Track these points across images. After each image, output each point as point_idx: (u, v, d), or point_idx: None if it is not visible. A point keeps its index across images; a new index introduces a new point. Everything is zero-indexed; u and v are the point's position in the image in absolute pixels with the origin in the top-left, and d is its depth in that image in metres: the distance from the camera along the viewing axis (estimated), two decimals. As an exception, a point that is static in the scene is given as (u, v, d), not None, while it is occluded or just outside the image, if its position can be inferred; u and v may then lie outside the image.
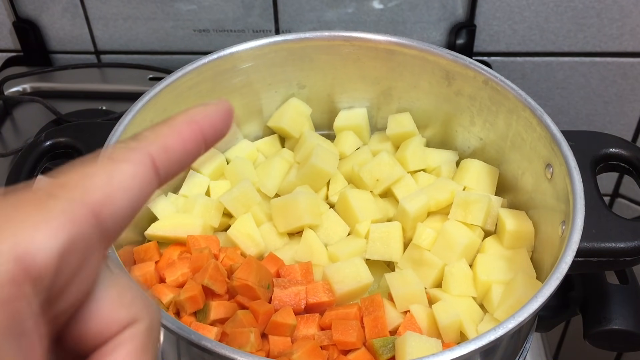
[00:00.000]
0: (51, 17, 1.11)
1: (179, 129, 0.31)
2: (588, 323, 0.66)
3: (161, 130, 0.31)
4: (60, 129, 0.69)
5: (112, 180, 0.28)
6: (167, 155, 0.30)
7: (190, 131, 0.32)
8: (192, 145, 0.32)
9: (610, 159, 0.67)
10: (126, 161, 0.29)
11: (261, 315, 0.59)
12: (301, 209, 0.68)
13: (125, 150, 0.29)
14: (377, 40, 0.74)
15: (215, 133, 0.34)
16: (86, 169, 0.28)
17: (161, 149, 0.30)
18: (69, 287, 0.26)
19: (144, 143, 0.30)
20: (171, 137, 0.31)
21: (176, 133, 0.31)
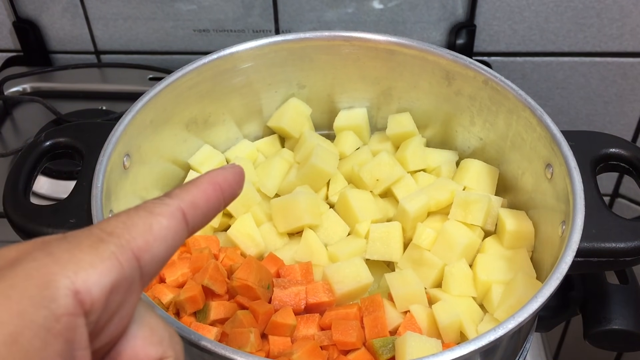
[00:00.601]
0: (51, 17, 1.11)
1: (204, 187, 0.37)
2: (588, 323, 0.66)
3: (190, 189, 0.36)
4: (60, 129, 0.69)
5: (151, 230, 0.33)
6: (195, 210, 0.36)
7: (213, 190, 0.38)
8: (214, 202, 0.38)
9: (610, 159, 0.67)
10: (162, 215, 0.34)
11: (261, 316, 0.59)
12: (301, 209, 0.68)
13: (161, 205, 0.34)
14: (377, 40, 0.74)
15: (232, 192, 0.40)
16: (130, 219, 0.32)
17: (190, 204, 0.36)
18: (111, 322, 0.30)
19: (177, 200, 0.35)
20: (198, 195, 0.36)
21: (202, 192, 0.37)
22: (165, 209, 0.34)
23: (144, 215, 0.33)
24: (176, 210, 0.35)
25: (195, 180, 0.38)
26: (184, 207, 0.35)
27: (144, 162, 0.68)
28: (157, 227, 0.33)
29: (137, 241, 0.32)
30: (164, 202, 0.35)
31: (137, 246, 0.32)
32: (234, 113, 0.77)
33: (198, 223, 0.36)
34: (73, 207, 0.62)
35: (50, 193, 0.97)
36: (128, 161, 0.65)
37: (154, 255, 0.33)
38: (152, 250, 0.32)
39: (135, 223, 0.32)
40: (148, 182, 0.70)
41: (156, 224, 0.33)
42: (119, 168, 0.64)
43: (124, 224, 0.32)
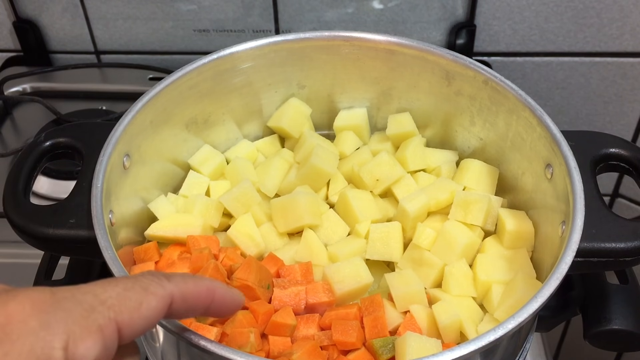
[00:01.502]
0: (51, 17, 1.11)
1: (200, 290, 0.40)
2: (588, 323, 0.66)
3: (188, 282, 0.39)
4: (60, 129, 0.69)
5: (139, 309, 0.36)
6: (182, 303, 0.39)
7: (206, 297, 0.40)
8: (200, 305, 0.40)
9: (610, 159, 0.67)
10: (155, 295, 0.37)
11: (261, 316, 0.59)
12: (301, 209, 0.68)
13: (158, 286, 0.37)
14: (377, 40, 0.74)
15: (219, 309, 0.42)
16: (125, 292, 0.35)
17: (181, 295, 0.38)
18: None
19: (172, 285, 0.38)
20: (192, 292, 0.39)
21: (196, 292, 0.40)
22: (160, 291, 0.37)
23: (139, 291, 0.36)
24: (167, 296, 0.38)
25: (198, 278, 0.41)
26: (175, 295, 0.38)
27: (144, 162, 0.68)
28: (145, 307, 0.36)
29: (124, 316, 0.35)
30: (162, 283, 0.38)
31: (122, 320, 0.35)
32: (234, 113, 0.77)
33: (177, 314, 0.39)
34: (73, 207, 0.62)
35: (50, 193, 0.97)
36: (128, 161, 0.65)
37: (133, 331, 0.36)
38: (134, 326, 0.36)
39: (128, 297, 0.36)
40: (148, 182, 0.70)
41: (145, 304, 0.36)
42: (119, 168, 0.64)
43: (118, 296, 0.35)
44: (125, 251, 0.63)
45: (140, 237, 0.68)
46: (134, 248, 0.65)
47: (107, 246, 0.55)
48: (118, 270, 0.54)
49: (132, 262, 0.65)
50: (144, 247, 0.65)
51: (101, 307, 0.34)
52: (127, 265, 0.59)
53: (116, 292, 0.35)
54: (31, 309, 0.33)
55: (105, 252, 0.55)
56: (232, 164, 0.75)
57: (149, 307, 0.36)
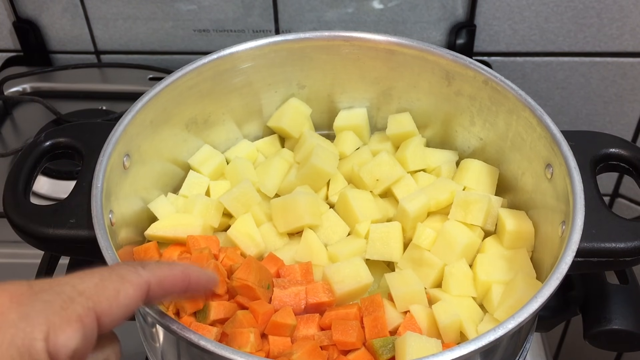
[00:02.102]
0: (51, 17, 1.11)
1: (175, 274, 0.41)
2: (588, 323, 0.66)
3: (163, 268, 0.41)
4: (60, 129, 0.69)
5: (117, 297, 0.37)
6: (159, 288, 0.40)
7: (182, 280, 0.42)
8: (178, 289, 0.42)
9: (610, 159, 0.67)
10: (131, 283, 0.38)
11: (261, 316, 0.59)
12: (301, 209, 0.68)
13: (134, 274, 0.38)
14: (377, 40, 0.74)
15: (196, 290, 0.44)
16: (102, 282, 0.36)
17: (158, 281, 0.40)
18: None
19: (148, 272, 0.39)
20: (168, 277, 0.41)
21: (172, 276, 0.41)
22: (136, 278, 0.38)
23: (116, 280, 0.37)
24: (144, 283, 0.39)
25: (172, 264, 0.43)
26: (151, 281, 0.39)
27: (144, 162, 0.68)
28: (122, 295, 0.37)
29: (102, 305, 0.36)
30: (138, 271, 0.39)
31: (101, 309, 0.36)
32: (234, 113, 0.77)
33: (155, 299, 0.41)
34: (73, 207, 0.62)
35: (50, 193, 0.97)
36: (128, 161, 0.65)
37: (112, 319, 0.37)
38: (112, 314, 0.37)
39: (105, 287, 0.37)
40: (148, 182, 0.70)
41: (123, 292, 0.37)
42: (119, 168, 0.64)
43: (95, 286, 0.36)
44: (125, 251, 0.63)
45: (140, 237, 0.68)
46: (134, 248, 0.65)
47: (107, 246, 0.55)
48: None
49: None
50: (144, 247, 0.65)
51: (80, 298, 0.35)
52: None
53: (94, 283, 0.36)
54: (9, 301, 0.34)
55: (105, 252, 0.55)
56: (232, 164, 0.75)
57: (126, 295, 0.37)
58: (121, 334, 0.72)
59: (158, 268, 0.40)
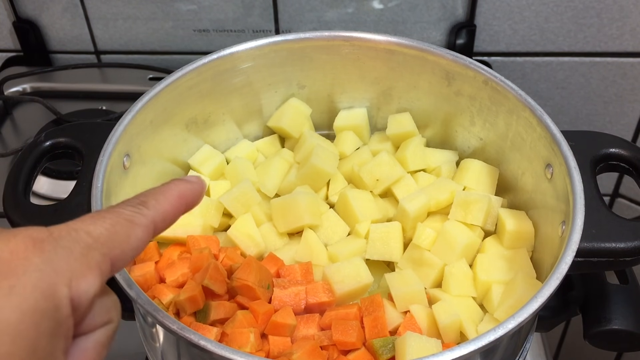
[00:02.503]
0: (51, 17, 1.11)
1: (173, 200, 0.42)
2: (588, 323, 0.66)
3: (162, 201, 0.41)
4: (60, 129, 0.69)
5: (129, 241, 0.37)
6: (164, 222, 0.41)
7: (179, 204, 0.42)
8: (179, 213, 0.42)
9: (610, 159, 0.67)
10: (140, 226, 0.38)
11: (261, 316, 0.59)
12: (301, 209, 0.68)
13: (140, 216, 0.39)
14: (377, 40, 0.74)
15: (193, 204, 0.44)
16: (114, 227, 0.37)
17: (162, 217, 0.40)
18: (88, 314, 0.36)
19: (152, 211, 0.40)
20: (169, 208, 0.41)
21: (171, 205, 0.41)
22: (143, 220, 0.39)
23: (125, 224, 0.38)
24: (151, 223, 0.39)
25: (165, 191, 0.42)
26: (157, 220, 0.40)
27: (144, 162, 0.68)
28: (133, 239, 0.38)
29: (116, 251, 0.36)
30: (142, 212, 0.39)
31: (115, 255, 0.36)
32: (234, 113, 0.77)
33: (160, 232, 0.41)
34: (73, 207, 0.62)
35: (50, 193, 0.97)
36: (128, 161, 0.65)
37: (124, 262, 0.37)
38: (125, 258, 0.37)
39: (117, 232, 0.37)
40: (148, 182, 0.70)
41: (133, 236, 0.38)
42: (119, 168, 0.64)
43: (107, 231, 0.36)
44: (125, 251, 0.63)
45: (140, 237, 0.68)
46: (134, 248, 0.65)
47: (107, 246, 0.55)
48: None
49: (132, 262, 0.65)
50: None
51: (96, 244, 0.35)
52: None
53: (106, 229, 0.36)
54: (33, 246, 0.34)
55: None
56: (232, 164, 0.75)
57: (137, 238, 0.38)
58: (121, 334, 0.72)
59: (159, 204, 0.41)
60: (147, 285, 0.62)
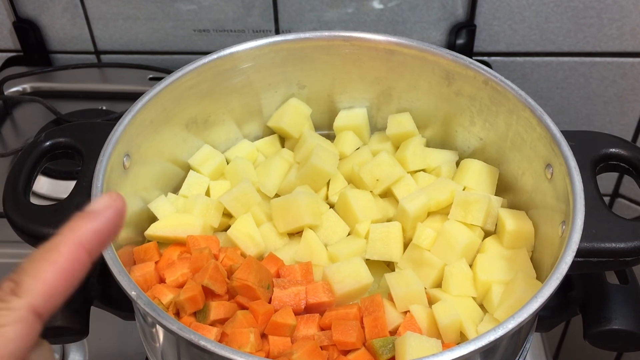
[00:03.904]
0: (51, 17, 1.11)
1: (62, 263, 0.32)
2: (588, 323, 0.66)
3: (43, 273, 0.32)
4: (60, 129, 0.69)
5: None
6: (50, 300, 0.32)
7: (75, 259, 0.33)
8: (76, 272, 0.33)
9: (610, 159, 0.67)
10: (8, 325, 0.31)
11: (261, 316, 0.59)
12: (301, 209, 0.68)
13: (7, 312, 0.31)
14: (377, 40, 0.74)
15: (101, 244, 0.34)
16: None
17: (43, 297, 0.31)
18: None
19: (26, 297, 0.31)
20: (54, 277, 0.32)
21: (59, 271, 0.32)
22: (12, 316, 0.31)
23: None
24: (26, 314, 0.31)
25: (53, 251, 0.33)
26: (36, 304, 0.32)
27: (144, 162, 0.68)
28: (2, 343, 0.30)
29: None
30: (11, 305, 0.31)
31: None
32: (234, 113, 0.77)
33: (53, 310, 0.33)
34: (73, 207, 0.61)
35: (50, 193, 0.97)
36: (128, 161, 0.65)
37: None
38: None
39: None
40: (148, 182, 0.70)
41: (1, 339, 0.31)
42: (119, 168, 0.64)
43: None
44: (125, 251, 0.63)
45: (140, 237, 0.68)
46: (134, 248, 0.65)
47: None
48: (118, 270, 0.54)
49: (132, 262, 0.65)
50: (144, 247, 0.65)
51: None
52: (127, 265, 0.59)
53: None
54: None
55: (105, 252, 0.55)
56: (232, 164, 0.75)
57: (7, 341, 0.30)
58: (121, 333, 0.72)
59: (37, 279, 0.31)
60: (147, 285, 0.62)
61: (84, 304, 0.66)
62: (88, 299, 0.66)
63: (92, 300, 0.66)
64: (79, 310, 0.65)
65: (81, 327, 0.64)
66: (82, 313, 0.65)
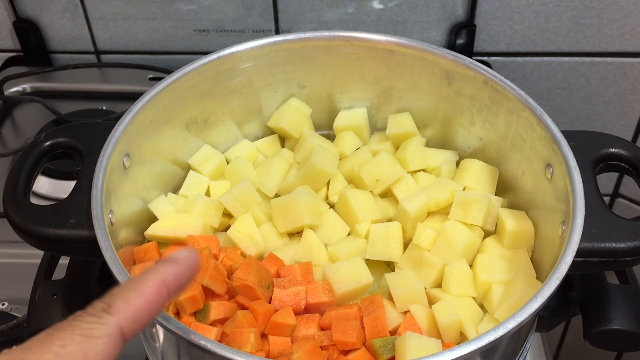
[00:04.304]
0: (51, 17, 1.11)
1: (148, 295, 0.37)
2: (588, 323, 0.66)
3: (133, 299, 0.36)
4: (60, 129, 0.69)
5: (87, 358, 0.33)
6: (135, 324, 0.36)
7: (158, 294, 0.37)
8: (158, 306, 0.37)
9: (610, 159, 0.67)
10: (99, 338, 0.34)
11: (261, 316, 0.59)
12: (301, 209, 0.68)
13: (100, 326, 0.34)
14: (377, 40, 0.74)
15: (179, 289, 0.39)
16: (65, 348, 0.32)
17: (131, 319, 0.35)
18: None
19: (117, 316, 0.35)
20: (141, 305, 0.36)
21: (145, 301, 0.36)
22: (104, 330, 0.34)
23: (79, 341, 0.33)
24: (115, 331, 0.35)
25: (140, 284, 0.37)
26: (123, 324, 0.35)
27: (144, 162, 0.68)
28: (92, 355, 0.33)
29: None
30: (103, 320, 0.35)
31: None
32: (234, 113, 0.77)
33: (134, 334, 0.36)
34: (73, 207, 0.62)
35: (50, 193, 0.97)
36: (128, 161, 0.65)
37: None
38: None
39: (70, 353, 0.33)
40: (148, 182, 0.70)
41: (92, 351, 0.33)
42: (119, 168, 0.64)
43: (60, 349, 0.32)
44: (125, 251, 0.63)
45: (140, 237, 0.68)
46: (134, 248, 0.65)
47: (107, 246, 0.55)
48: (118, 270, 0.54)
49: (132, 262, 0.65)
50: (144, 247, 0.65)
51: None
52: (127, 265, 0.59)
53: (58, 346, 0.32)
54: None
55: (105, 252, 0.55)
56: (232, 164, 0.75)
57: (96, 353, 0.34)
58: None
59: (128, 304, 0.36)
60: (147, 285, 0.62)
61: (84, 304, 0.65)
62: (88, 299, 0.66)
63: (92, 301, 0.66)
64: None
65: (81, 327, 0.64)
66: (82, 313, 0.65)
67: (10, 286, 0.85)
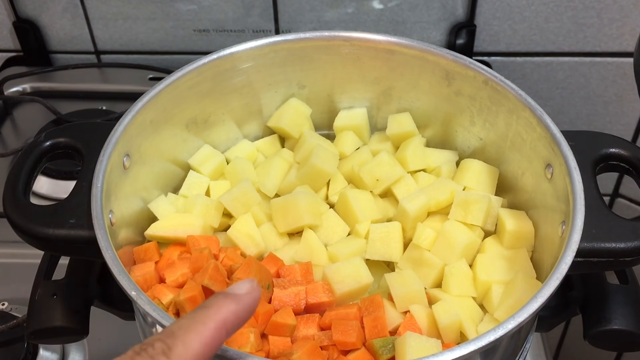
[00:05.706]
0: (51, 17, 1.11)
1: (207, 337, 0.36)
2: (588, 323, 0.66)
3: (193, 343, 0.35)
4: (60, 129, 0.69)
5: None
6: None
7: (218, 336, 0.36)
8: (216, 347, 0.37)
9: (610, 159, 0.67)
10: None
11: (261, 316, 0.59)
12: (301, 209, 0.68)
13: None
14: (377, 40, 0.74)
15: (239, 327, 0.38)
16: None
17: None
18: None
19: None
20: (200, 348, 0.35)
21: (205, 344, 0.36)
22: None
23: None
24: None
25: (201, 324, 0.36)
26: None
27: (144, 162, 0.68)
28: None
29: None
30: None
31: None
32: (234, 113, 0.77)
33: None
34: (73, 207, 0.62)
35: (50, 193, 0.97)
36: (128, 161, 0.65)
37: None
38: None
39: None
40: (148, 182, 0.70)
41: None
42: (119, 168, 0.64)
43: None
44: (125, 251, 0.63)
45: (140, 237, 0.68)
46: (134, 248, 0.65)
47: (107, 246, 0.55)
48: (118, 270, 0.54)
49: (132, 262, 0.65)
50: (144, 247, 0.65)
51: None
52: (127, 265, 0.59)
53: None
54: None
55: (105, 252, 0.55)
56: (232, 164, 0.75)
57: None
58: (121, 333, 0.72)
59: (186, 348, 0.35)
60: (147, 285, 0.62)
61: (84, 304, 0.66)
62: (88, 299, 0.66)
63: (92, 301, 0.66)
64: (79, 310, 0.65)
65: (81, 327, 0.64)
66: (82, 313, 0.65)
67: (10, 286, 0.85)
